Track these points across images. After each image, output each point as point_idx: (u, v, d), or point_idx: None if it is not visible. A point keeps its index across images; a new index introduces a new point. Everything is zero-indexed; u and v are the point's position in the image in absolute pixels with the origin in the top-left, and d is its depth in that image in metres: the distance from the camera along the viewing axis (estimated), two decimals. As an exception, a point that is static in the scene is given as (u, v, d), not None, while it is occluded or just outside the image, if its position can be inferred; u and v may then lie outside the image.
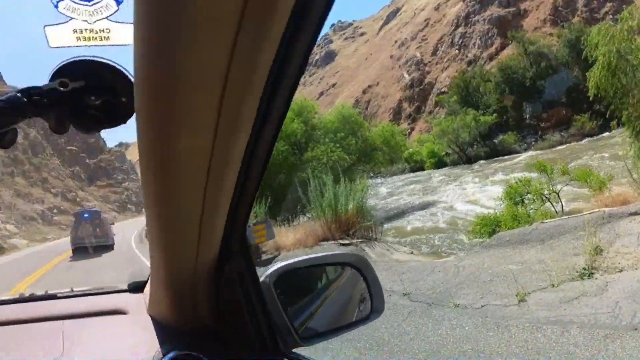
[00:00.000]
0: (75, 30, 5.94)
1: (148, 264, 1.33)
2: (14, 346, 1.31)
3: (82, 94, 0.75)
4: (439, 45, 62.49)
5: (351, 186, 11.35)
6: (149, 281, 1.44)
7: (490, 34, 53.47)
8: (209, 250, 1.05)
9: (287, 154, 18.10)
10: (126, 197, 65.83)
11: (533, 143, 33.35)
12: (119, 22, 6.06)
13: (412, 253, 10.08)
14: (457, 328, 4.95)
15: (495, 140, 34.71)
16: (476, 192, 19.79)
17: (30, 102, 0.70)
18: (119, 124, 0.79)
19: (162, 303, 1.26)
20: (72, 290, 1.66)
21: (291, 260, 1.33)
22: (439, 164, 34.65)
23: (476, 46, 55.04)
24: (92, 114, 0.77)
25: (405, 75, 58.14)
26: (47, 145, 55.93)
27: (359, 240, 10.08)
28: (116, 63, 0.78)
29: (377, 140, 20.62)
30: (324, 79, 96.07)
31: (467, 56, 55.59)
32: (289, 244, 10.91)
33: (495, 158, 31.75)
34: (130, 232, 26.33)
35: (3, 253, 28.40)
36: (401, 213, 18.63)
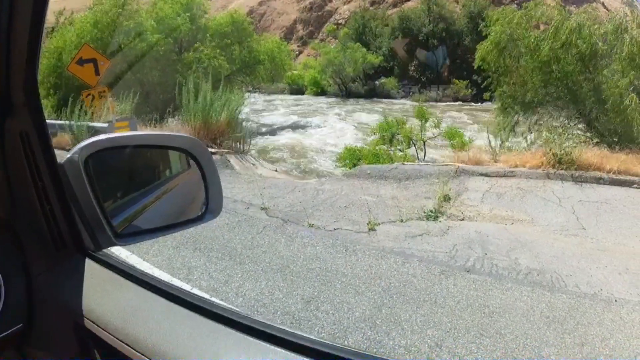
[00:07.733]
0: None
1: None
2: None
3: None
4: (348, -23, 61.06)
5: (227, 96, 10.88)
6: None
7: (400, -17, 53.52)
8: None
9: (166, 50, 16.70)
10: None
11: (411, 94, 34.91)
12: None
13: (275, 170, 10.08)
14: (309, 247, 5.06)
15: (377, 82, 35.69)
16: (345, 126, 20.33)
17: None
18: None
19: None
20: None
21: (110, 135, 1.03)
22: (319, 92, 34.87)
23: (384, -11, 54.97)
24: None
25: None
26: None
27: (226, 150, 9.78)
28: None
29: (263, 54, 19.86)
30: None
31: (373, -4, 55.36)
32: (150, 144, 10.21)
33: (373, 99, 32.82)
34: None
35: None
36: (271, 131, 18.62)
